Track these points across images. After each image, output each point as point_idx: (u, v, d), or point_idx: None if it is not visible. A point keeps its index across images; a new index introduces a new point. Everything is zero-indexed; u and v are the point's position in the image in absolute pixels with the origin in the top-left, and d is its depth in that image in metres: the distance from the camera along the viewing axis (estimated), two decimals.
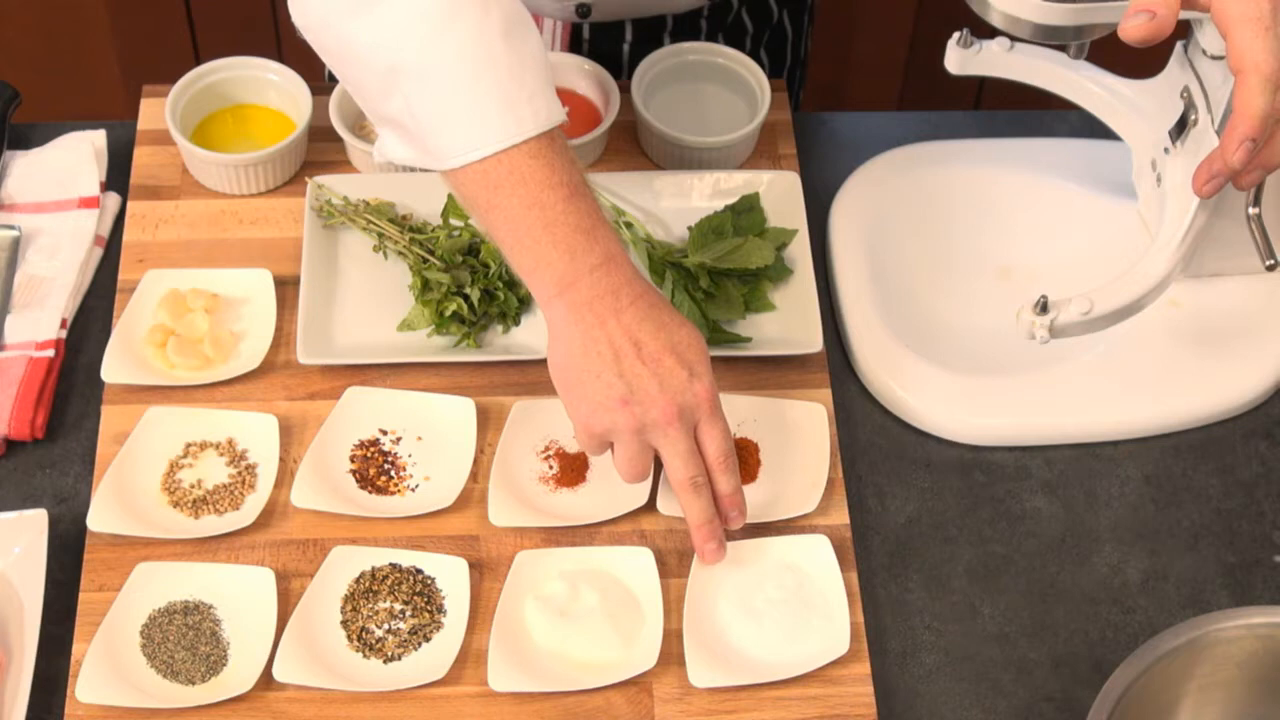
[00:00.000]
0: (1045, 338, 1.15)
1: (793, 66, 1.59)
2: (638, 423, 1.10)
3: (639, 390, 1.10)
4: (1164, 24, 1.04)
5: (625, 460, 1.13)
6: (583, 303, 1.10)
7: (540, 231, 1.09)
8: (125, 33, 2.27)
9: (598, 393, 1.10)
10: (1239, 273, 1.31)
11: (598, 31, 1.45)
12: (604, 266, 1.10)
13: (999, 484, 1.23)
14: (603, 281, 1.10)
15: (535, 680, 1.10)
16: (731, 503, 1.14)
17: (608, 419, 1.11)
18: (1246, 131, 1.05)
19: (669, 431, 1.11)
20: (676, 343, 1.11)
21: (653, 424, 1.10)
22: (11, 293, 1.29)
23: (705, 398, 1.11)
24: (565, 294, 1.10)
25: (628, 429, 1.11)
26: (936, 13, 2.29)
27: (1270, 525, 1.22)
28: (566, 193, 1.09)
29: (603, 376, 1.10)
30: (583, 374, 1.11)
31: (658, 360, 1.10)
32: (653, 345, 1.10)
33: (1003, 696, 1.13)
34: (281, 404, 1.24)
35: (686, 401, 1.10)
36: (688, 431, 1.11)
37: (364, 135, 1.36)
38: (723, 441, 1.12)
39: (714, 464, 1.12)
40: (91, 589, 1.14)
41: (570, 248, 1.09)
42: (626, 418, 1.10)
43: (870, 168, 1.39)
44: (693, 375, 1.11)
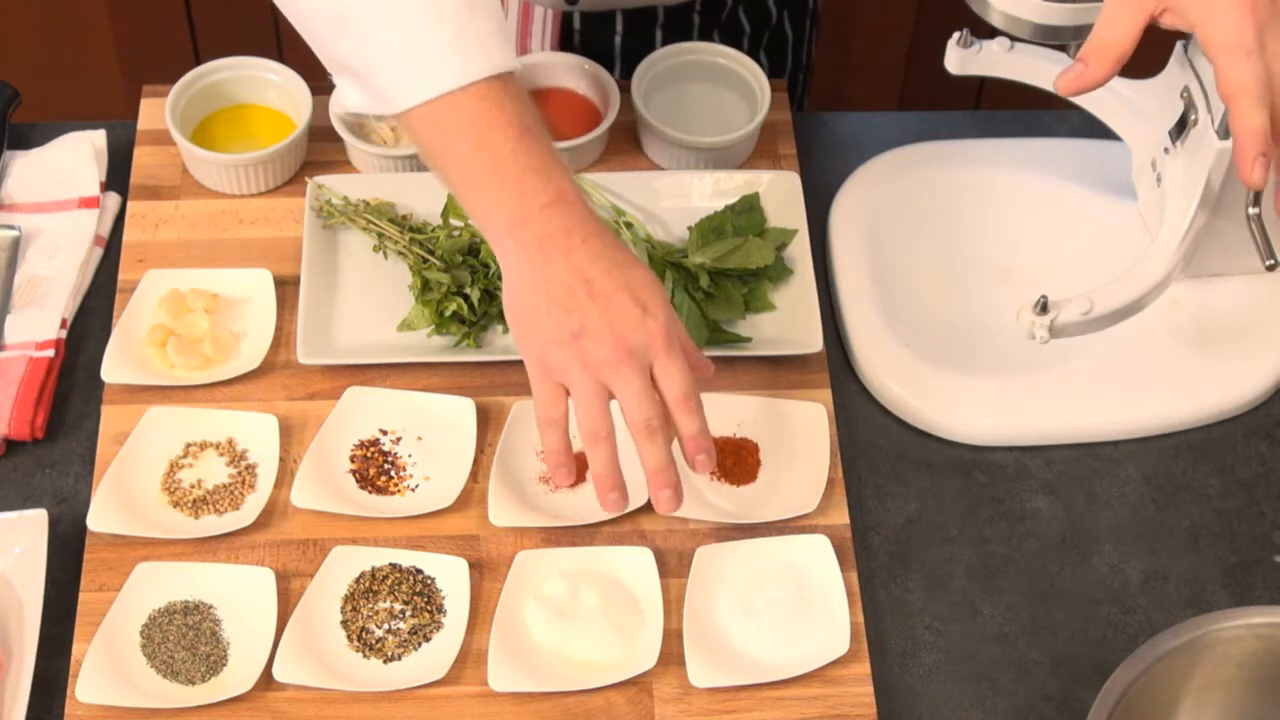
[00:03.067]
0: (1045, 338, 1.15)
1: (794, 71, 1.59)
2: (587, 359, 1.06)
3: (589, 326, 1.06)
4: (1096, 77, 1.08)
5: (582, 404, 1.08)
6: (533, 241, 1.07)
7: (489, 172, 1.08)
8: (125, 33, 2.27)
9: (548, 330, 1.07)
10: (1239, 273, 1.31)
11: (588, 23, 1.45)
12: (555, 205, 1.08)
13: (999, 484, 1.23)
14: (554, 220, 1.07)
15: (535, 680, 1.10)
16: (696, 445, 1.09)
17: (558, 355, 1.07)
18: (1256, 148, 1.07)
19: (621, 369, 1.06)
20: (630, 281, 1.08)
21: (604, 361, 1.06)
22: (11, 293, 1.29)
23: (659, 334, 1.07)
24: (515, 232, 1.08)
25: (578, 365, 1.07)
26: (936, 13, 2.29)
27: (1270, 525, 1.22)
28: (516, 133, 1.07)
29: (553, 314, 1.07)
30: (534, 312, 1.08)
31: (609, 298, 1.07)
32: (605, 283, 1.07)
33: (1003, 696, 1.13)
34: (281, 404, 1.24)
35: (638, 339, 1.07)
36: (641, 370, 1.07)
37: (364, 135, 1.36)
38: (681, 381, 1.08)
39: (673, 404, 1.08)
40: (91, 589, 1.14)
41: (519, 187, 1.07)
42: (576, 354, 1.07)
43: (870, 168, 1.39)
44: (646, 312, 1.07)
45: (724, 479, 1.21)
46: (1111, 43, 1.08)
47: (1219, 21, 1.05)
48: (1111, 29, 1.08)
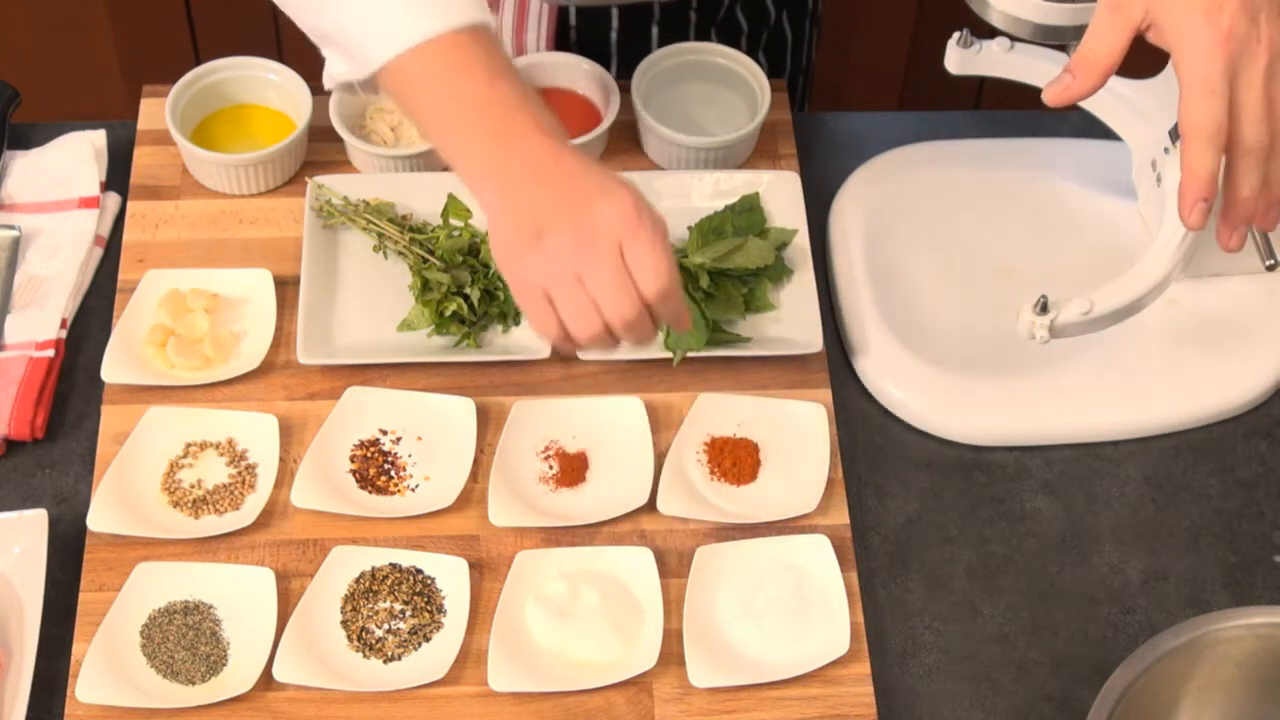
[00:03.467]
0: (1045, 338, 1.15)
1: (794, 73, 1.58)
2: (551, 255, 1.03)
3: (548, 224, 1.04)
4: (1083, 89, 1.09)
5: (563, 307, 1.05)
6: (510, 181, 1.06)
7: (460, 119, 1.07)
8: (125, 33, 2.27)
9: (518, 247, 1.06)
10: (1239, 273, 1.31)
11: (584, 19, 1.45)
12: (528, 137, 1.06)
13: (999, 484, 1.23)
14: (527, 154, 1.06)
15: (535, 680, 1.10)
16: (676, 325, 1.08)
17: (528, 265, 1.05)
18: (1198, 193, 1.08)
19: (588, 259, 1.03)
20: (598, 180, 1.05)
21: (567, 255, 1.03)
22: (11, 293, 1.29)
23: (621, 210, 1.03)
24: (491, 175, 1.07)
25: (546, 266, 1.04)
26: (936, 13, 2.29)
27: (1270, 525, 1.22)
28: (486, 79, 1.07)
29: (522, 230, 1.05)
30: (510, 240, 1.06)
31: (570, 197, 1.04)
32: (568, 187, 1.05)
33: (1003, 696, 1.13)
34: (281, 404, 1.24)
35: (600, 219, 1.03)
36: (608, 257, 1.03)
37: (364, 135, 1.36)
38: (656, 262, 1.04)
39: (646, 291, 1.04)
40: (91, 589, 1.14)
41: (491, 132, 1.07)
42: (542, 256, 1.04)
43: (870, 168, 1.39)
44: (605, 192, 1.04)
45: (724, 479, 1.21)
46: (1099, 55, 1.08)
47: (1190, 49, 1.05)
48: (1099, 42, 1.09)
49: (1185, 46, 1.05)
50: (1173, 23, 1.06)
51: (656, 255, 1.05)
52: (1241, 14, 1.05)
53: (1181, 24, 1.05)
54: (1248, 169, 1.09)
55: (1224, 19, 1.04)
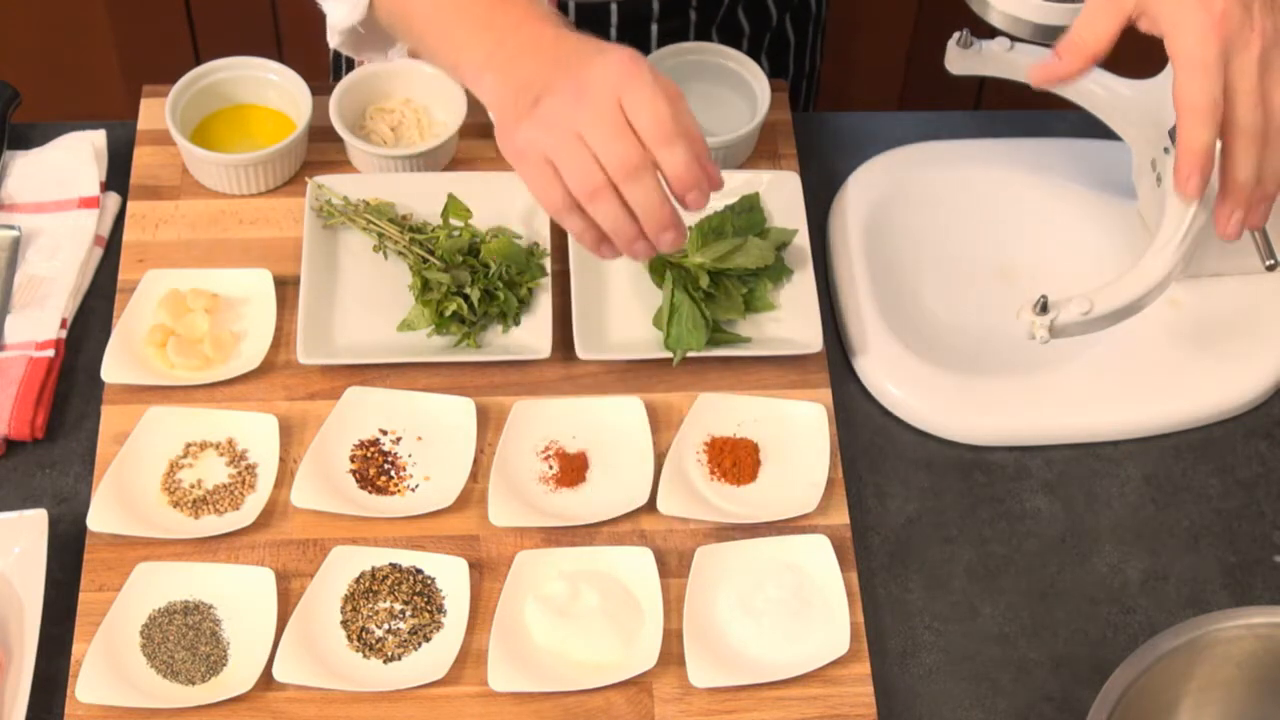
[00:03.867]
0: (1045, 338, 1.15)
1: (797, 77, 1.58)
2: (549, 117, 1.00)
3: (545, 88, 1.01)
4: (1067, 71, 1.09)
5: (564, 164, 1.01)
6: (507, 63, 1.05)
7: (454, 17, 1.07)
8: (125, 33, 2.27)
9: (515, 114, 1.03)
10: (1239, 273, 1.31)
11: (583, 16, 1.45)
12: (523, 23, 1.05)
13: (999, 484, 1.23)
14: (524, 39, 1.05)
15: (535, 680, 1.10)
16: (683, 181, 1.01)
17: (526, 131, 1.02)
18: (1193, 164, 1.08)
19: (581, 110, 0.99)
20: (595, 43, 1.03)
21: (564, 111, 1.00)
22: (11, 293, 1.29)
23: (620, 64, 1.00)
24: (490, 65, 1.06)
25: (544, 128, 1.01)
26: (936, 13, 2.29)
27: (1270, 525, 1.22)
28: None
29: (519, 101, 1.03)
30: (509, 115, 1.04)
31: (565, 58, 1.02)
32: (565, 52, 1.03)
33: (1003, 696, 1.13)
34: (281, 404, 1.24)
35: (595, 75, 1.00)
36: (606, 106, 1.00)
37: (364, 135, 1.36)
38: (651, 106, 0.99)
39: (649, 137, 1.00)
40: (91, 589, 1.14)
41: (487, 23, 1.06)
42: (540, 118, 1.01)
43: (870, 168, 1.39)
44: (600, 50, 1.02)
45: (724, 479, 1.21)
46: (1087, 41, 1.09)
47: (1184, 34, 1.06)
48: (1088, 28, 1.09)
49: (1179, 33, 1.05)
50: (1166, 11, 1.06)
51: (656, 99, 1.01)
52: (1235, 1, 1.05)
53: (1175, 11, 1.05)
54: (1243, 150, 1.09)
55: (1217, 5, 1.05)
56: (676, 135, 1.01)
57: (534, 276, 1.28)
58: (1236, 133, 1.09)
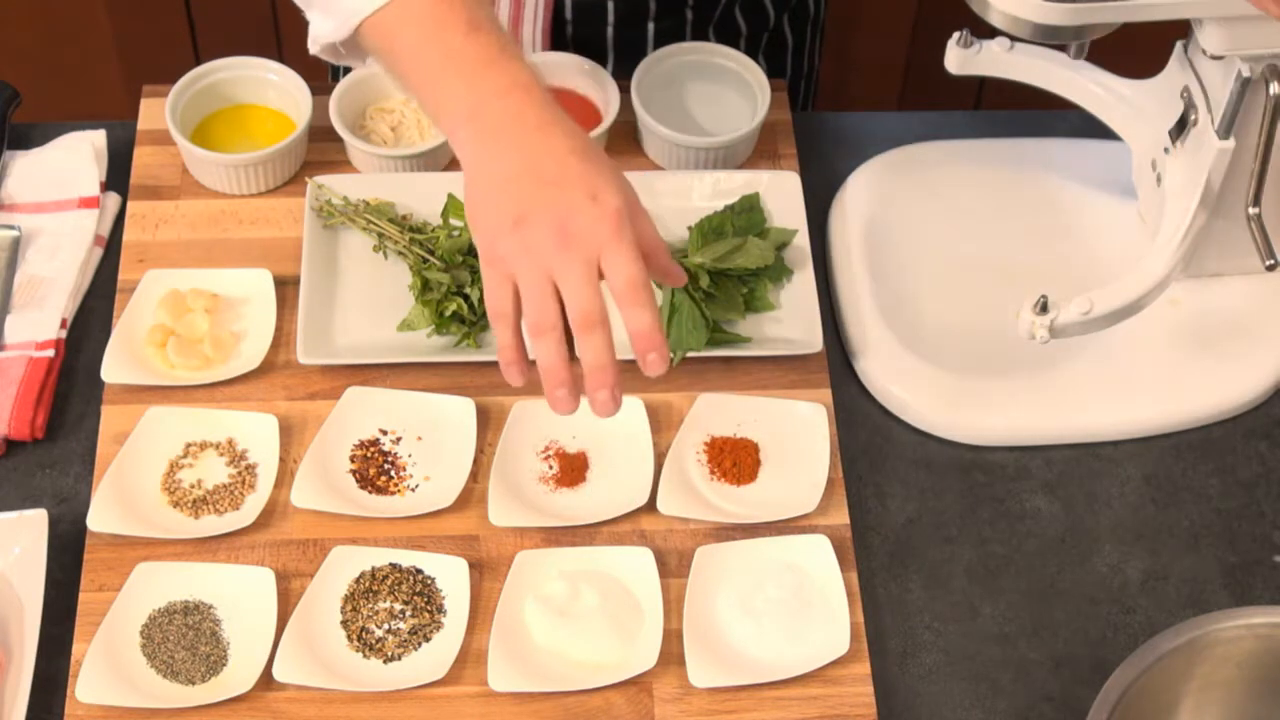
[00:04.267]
0: (1045, 338, 1.15)
1: (795, 78, 1.58)
2: (528, 246, 1.01)
3: (532, 212, 1.02)
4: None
5: (525, 294, 1.02)
6: (488, 131, 1.05)
7: (440, 66, 1.07)
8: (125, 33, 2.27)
9: (493, 218, 1.04)
10: (1239, 273, 1.31)
11: (580, 14, 1.44)
12: (510, 94, 1.05)
13: (999, 484, 1.23)
14: (509, 108, 1.05)
15: (535, 680, 1.10)
16: (645, 342, 1.02)
17: (502, 244, 1.03)
18: None
19: (561, 256, 1.00)
20: (586, 169, 1.03)
21: (544, 248, 1.01)
22: (11, 293, 1.29)
23: (607, 220, 1.01)
24: (470, 123, 1.06)
25: (519, 253, 1.02)
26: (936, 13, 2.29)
27: (1270, 525, 1.22)
28: (465, 28, 1.06)
29: (499, 201, 1.04)
30: (483, 201, 1.05)
31: (557, 184, 1.03)
32: (554, 169, 1.03)
33: (1003, 696, 1.13)
34: (281, 404, 1.24)
35: (582, 224, 1.01)
36: (584, 259, 1.01)
37: (364, 135, 1.36)
38: (628, 269, 1.01)
39: (618, 294, 1.01)
40: (91, 589, 1.14)
41: (471, 78, 1.06)
42: (517, 241, 1.02)
43: (870, 168, 1.39)
44: (595, 199, 1.02)
45: (724, 479, 1.21)
46: None
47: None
48: None
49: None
50: None
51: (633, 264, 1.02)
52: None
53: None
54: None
55: None
56: (645, 301, 1.02)
57: None
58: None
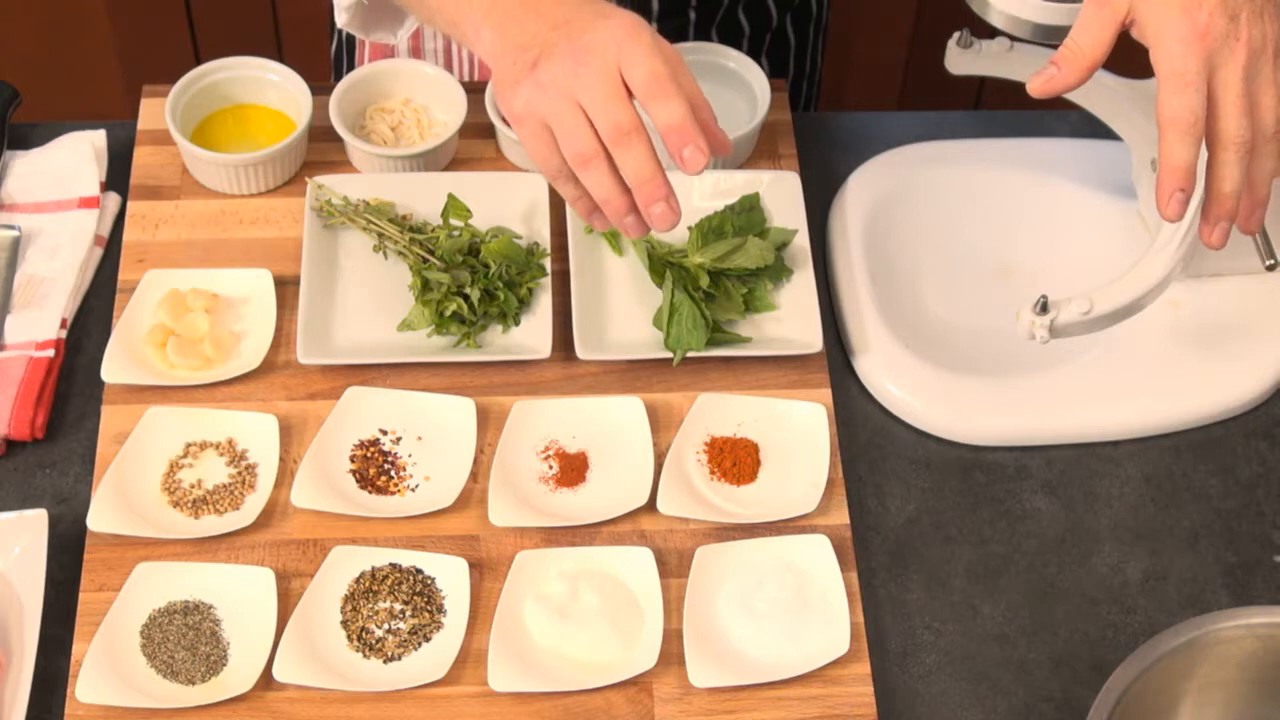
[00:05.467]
0: (1045, 338, 1.15)
1: (798, 78, 1.58)
2: (546, 79, 1.00)
3: (544, 51, 1.01)
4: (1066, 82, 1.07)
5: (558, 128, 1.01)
6: (508, 14, 1.04)
7: None
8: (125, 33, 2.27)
9: (509, 76, 1.03)
10: (1239, 273, 1.31)
11: None
12: None
13: (999, 484, 1.23)
14: None
15: (535, 680, 1.10)
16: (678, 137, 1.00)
17: (524, 92, 1.01)
18: (1175, 184, 1.06)
19: (578, 74, 0.99)
20: (598, 6, 1.03)
21: (561, 74, 1.00)
22: (11, 293, 1.29)
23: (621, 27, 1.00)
24: (490, 15, 1.05)
25: (540, 91, 1.01)
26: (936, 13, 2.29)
27: (1270, 525, 1.22)
28: None
29: (514, 59, 1.03)
30: (502, 70, 1.04)
31: (568, 21, 1.02)
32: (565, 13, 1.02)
33: (1003, 696, 1.13)
34: (281, 404, 1.24)
35: (594, 39, 0.99)
36: (603, 70, 0.99)
37: (364, 135, 1.36)
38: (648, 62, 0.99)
39: (641, 92, 1.00)
40: (91, 589, 1.14)
41: None
42: (536, 81, 1.01)
43: (870, 168, 1.39)
44: (602, 14, 1.01)
45: (724, 479, 1.21)
46: (1084, 49, 1.08)
47: (1166, 46, 1.05)
48: (1084, 36, 1.08)
49: (1162, 42, 1.05)
50: (1152, 18, 1.05)
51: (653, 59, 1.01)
52: (1220, 11, 1.04)
53: (1160, 19, 1.05)
54: (1228, 163, 1.08)
55: (1202, 15, 1.03)
56: (672, 92, 1.00)
57: (534, 276, 1.28)
58: (1222, 144, 1.07)
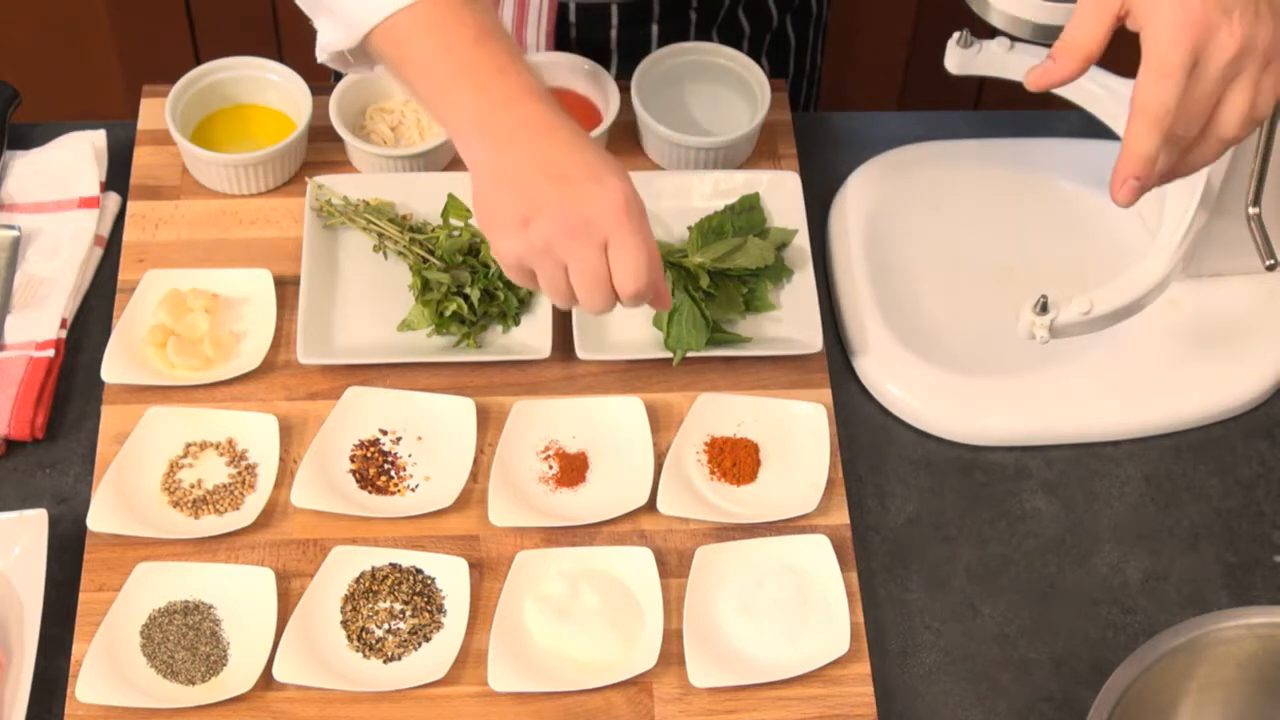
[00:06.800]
0: (1045, 338, 1.15)
1: (797, 78, 1.58)
2: (538, 242, 1.05)
3: (542, 207, 1.05)
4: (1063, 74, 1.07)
5: (546, 285, 1.08)
6: (497, 137, 1.07)
7: (451, 74, 1.08)
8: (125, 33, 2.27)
9: (505, 220, 1.07)
10: (1239, 273, 1.31)
11: (583, 17, 1.45)
12: (519, 101, 1.07)
13: (999, 484, 1.23)
14: (518, 115, 1.07)
15: (535, 680, 1.10)
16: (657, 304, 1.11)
17: (516, 244, 1.06)
18: (1130, 171, 1.06)
19: (571, 245, 1.05)
20: (589, 160, 1.06)
21: (553, 241, 1.05)
22: (11, 293, 1.29)
23: (614, 204, 1.05)
24: (479, 131, 1.08)
25: (531, 250, 1.06)
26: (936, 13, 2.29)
27: (1270, 525, 1.22)
28: (474, 34, 1.08)
29: (508, 201, 1.06)
30: (495, 206, 1.07)
31: (563, 176, 1.05)
32: (561, 164, 1.06)
33: (1003, 696, 1.13)
34: (281, 404, 1.24)
35: (589, 212, 1.05)
36: (593, 246, 1.05)
37: (364, 135, 1.36)
38: (637, 255, 1.06)
39: (623, 285, 1.07)
40: (91, 589, 1.14)
41: (482, 86, 1.08)
42: (531, 238, 1.06)
43: (870, 168, 1.39)
44: (599, 182, 1.05)
45: (724, 479, 1.21)
46: (1080, 41, 1.08)
47: (1155, 34, 1.04)
48: (1080, 29, 1.08)
49: (1152, 29, 1.05)
50: (1145, 9, 1.05)
51: (639, 255, 1.06)
52: (1214, 4, 1.04)
53: (1152, 7, 1.05)
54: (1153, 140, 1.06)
55: (1195, 6, 1.04)
56: (645, 283, 1.07)
57: None
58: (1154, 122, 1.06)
